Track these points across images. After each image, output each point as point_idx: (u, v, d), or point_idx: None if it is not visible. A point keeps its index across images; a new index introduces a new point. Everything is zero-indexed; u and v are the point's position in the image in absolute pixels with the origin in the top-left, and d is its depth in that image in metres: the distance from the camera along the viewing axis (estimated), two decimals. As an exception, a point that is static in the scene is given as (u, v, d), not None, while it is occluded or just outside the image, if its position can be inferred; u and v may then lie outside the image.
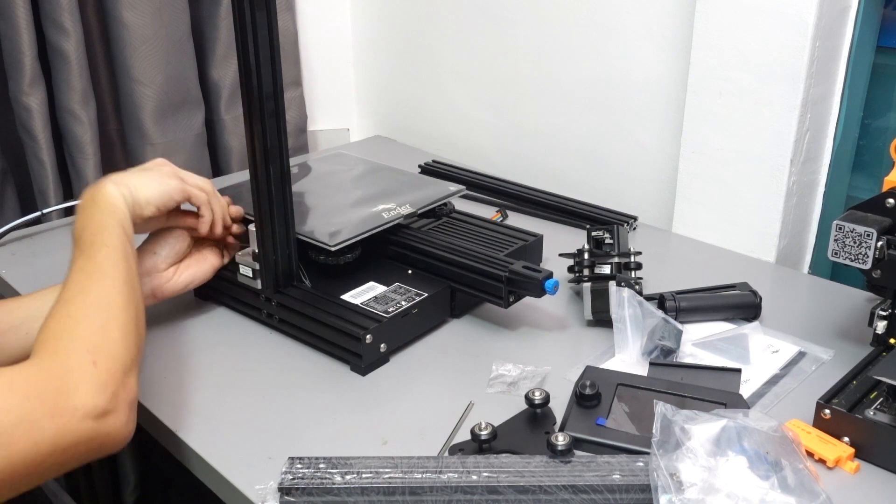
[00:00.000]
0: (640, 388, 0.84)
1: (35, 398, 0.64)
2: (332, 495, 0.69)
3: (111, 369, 0.69)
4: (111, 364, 0.70)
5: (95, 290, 0.76)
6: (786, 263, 1.18)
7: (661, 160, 1.29)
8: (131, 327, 0.75)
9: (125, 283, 0.78)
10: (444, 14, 1.55)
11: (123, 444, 0.70)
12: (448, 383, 0.90)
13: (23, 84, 1.31)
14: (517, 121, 1.50)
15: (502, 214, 1.31)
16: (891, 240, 0.83)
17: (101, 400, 0.67)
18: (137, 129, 1.44)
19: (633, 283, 0.97)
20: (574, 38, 1.36)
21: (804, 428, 0.78)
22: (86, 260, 0.79)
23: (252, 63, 0.86)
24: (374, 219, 1.02)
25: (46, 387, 0.65)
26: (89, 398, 0.66)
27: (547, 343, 0.97)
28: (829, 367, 0.91)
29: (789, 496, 0.66)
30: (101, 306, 0.74)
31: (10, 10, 1.27)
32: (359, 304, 0.95)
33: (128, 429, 0.70)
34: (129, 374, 0.71)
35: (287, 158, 0.93)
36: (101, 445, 0.68)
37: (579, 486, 0.69)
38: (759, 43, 1.08)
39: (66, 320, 0.72)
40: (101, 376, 0.68)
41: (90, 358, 0.69)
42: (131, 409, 0.70)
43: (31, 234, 1.26)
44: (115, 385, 0.69)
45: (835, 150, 1.16)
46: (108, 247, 0.80)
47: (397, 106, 1.73)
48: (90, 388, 0.67)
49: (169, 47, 1.43)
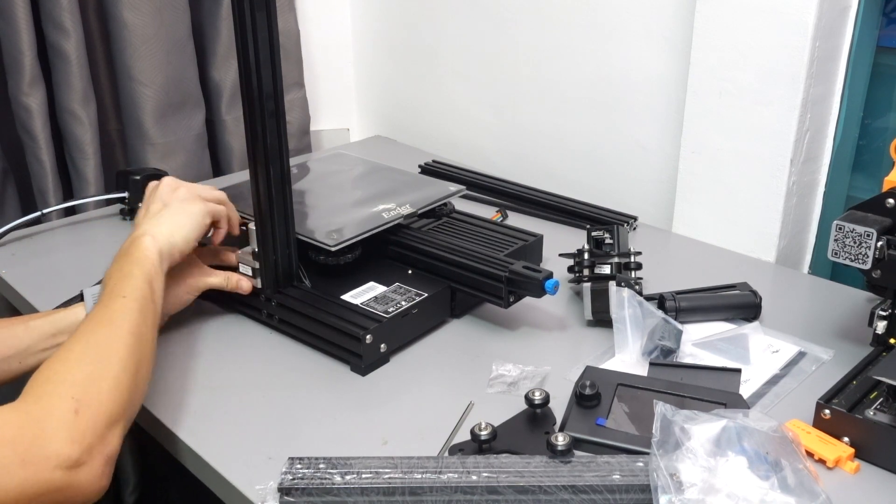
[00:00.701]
0: (640, 388, 0.84)
1: (8, 444, 0.63)
2: (332, 495, 0.69)
3: (93, 420, 0.68)
4: (94, 415, 0.68)
5: (97, 338, 0.75)
6: (786, 263, 1.18)
7: (661, 160, 1.29)
8: (125, 380, 0.73)
9: (131, 334, 0.76)
10: (444, 14, 1.55)
11: (96, 497, 0.68)
12: (448, 383, 0.90)
13: (23, 84, 1.31)
14: (517, 121, 1.50)
15: (502, 214, 1.31)
16: (891, 240, 0.83)
17: (74, 451, 0.65)
18: (137, 129, 1.44)
19: (633, 283, 0.97)
20: (574, 39, 1.36)
21: (804, 428, 0.78)
22: (100, 308, 0.78)
23: (252, 63, 0.86)
24: (374, 219, 1.02)
25: (22, 432, 0.64)
26: (63, 447, 0.65)
27: (547, 343, 0.97)
28: (829, 367, 0.91)
29: (789, 496, 0.66)
30: (99, 354, 0.73)
31: (10, 10, 1.27)
32: (359, 304, 0.95)
33: (100, 484, 0.68)
34: (113, 428, 0.69)
35: (287, 159, 0.93)
36: (69, 497, 0.66)
37: (579, 486, 0.69)
38: (759, 43, 1.08)
39: (60, 364, 0.71)
40: (80, 426, 0.66)
41: (73, 405, 0.67)
42: (107, 463, 0.68)
43: (31, 234, 1.26)
44: (93, 437, 0.67)
45: (835, 150, 1.16)
46: (126, 297, 0.79)
47: (397, 106, 1.73)
48: (66, 438, 0.65)
49: (169, 47, 1.43)
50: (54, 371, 0.70)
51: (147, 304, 0.80)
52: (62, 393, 0.68)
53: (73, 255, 1.20)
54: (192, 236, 0.90)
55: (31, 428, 0.65)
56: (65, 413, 0.66)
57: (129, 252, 0.84)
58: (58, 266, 1.16)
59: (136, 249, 0.84)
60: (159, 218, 0.89)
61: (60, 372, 0.70)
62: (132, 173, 1.28)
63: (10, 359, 0.86)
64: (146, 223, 0.88)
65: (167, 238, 0.87)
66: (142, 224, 0.89)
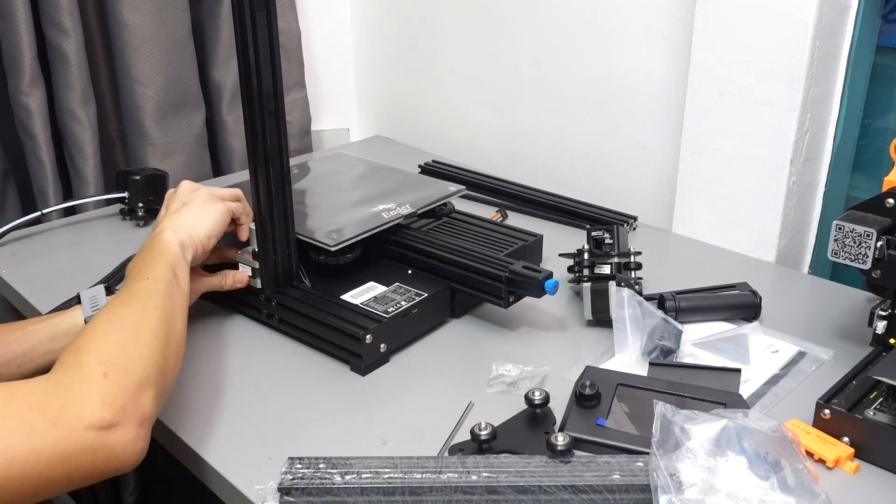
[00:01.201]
0: (640, 388, 0.84)
1: (37, 407, 0.64)
2: (332, 495, 0.69)
3: (122, 383, 0.68)
4: (123, 377, 0.68)
5: (123, 312, 0.75)
6: (786, 263, 1.18)
7: (661, 160, 1.29)
8: (155, 348, 0.73)
9: (158, 309, 0.77)
10: (444, 14, 1.55)
11: (134, 462, 0.68)
12: (448, 383, 0.90)
13: (22, 84, 1.31)
14: (517, 121, 1.50)
15: (502, 214, 1.31)
16: (891, 240, 0.83)
17: (106, 412, 0.65)
18: (137, 129, 1.44)
19: (633, 283, 0.97)
20: (574, 39, 1.36)
21: (804, 428, 0.78)
22: (124, 290, 0.79)
23: (252, 63, 0.86)
24: (374, 219, 1.02)
25: (51, 397, 0.65)
26: (94, 409, 0.65)
27: (547, 343, 0.97)
28: (829, 367, 0.91)
29: (789, 496, 0.66)
30: (126, 325, 0.74)
31: (10, 10, 1.27)
32: (359, 304, 0.95)
33: (137, 446, 0.67)
34: (144, 390, 0.69)
35: (287, 159, 0.93)
36: (107, 460, 0.66)
37: (579, 486, 0.69)
38: (759, 43, 1.08)
39: (87, 335, 0.72)
40: (111, 388, 0.67)
41: (101, 370, 0.67)
42: (142, 425, 0.68)
43: (31, 234, 1.26)
44: (124, 398, 0.67)
45: (835, 150, 1.16)
46: (150, 279, 0.80)
47: (397, 106, 1.73)
48: (96, 400, 0.65)
49: (169, 47, 1.43)
50: (83, 342, 0.71)
51: (172, 286, 0.81)
52: (91, 360, 0.68)
53: (73, 255, 1.20)
54: (213, 232, 0.91)
55: (61, 393, 0.65)
56: (94, 377, 0.67)
57: (151, 245, 0.85)
58: (58, 266, 1.16)
59: (157, 243, 0.85)
60: (180, 214, 0.90)
61: (88, 342, 0.71)
62: (132, 173, 1.28)
63: (10, 363, 0.86)
64: (166, 220, 0.89)
65: (188, 232, 0.88)
66: (162, 222, 0.89)
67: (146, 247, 0.86)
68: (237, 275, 0.97)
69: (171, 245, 0.85)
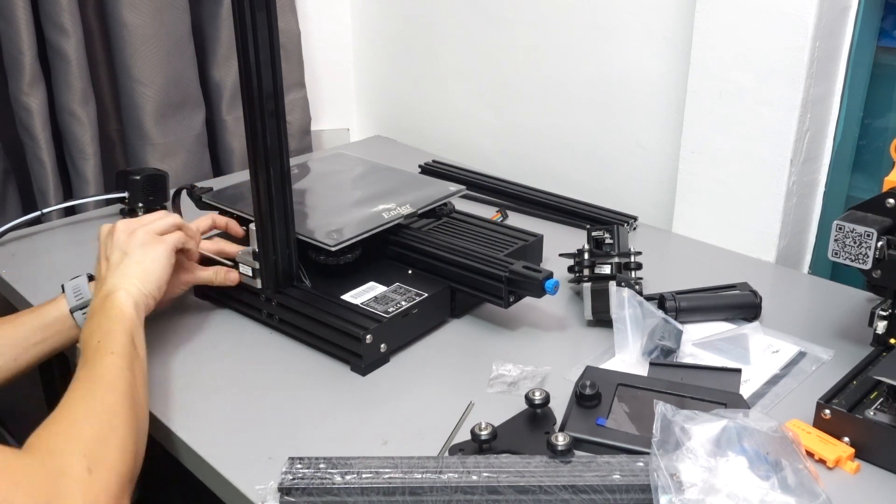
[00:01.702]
0: (640, 388, 0.84)
1: (25, 490, 0.61)
2: (332, 495, 0.69)
3: (106, 481, 0.65)
4: (107, 476, 0.66)
5: (97, 398, 0.73)
6: (786, 263, 1.18)
7: (661, 160, 1.29)
8: (130, 442, 0.71)
9: (127, 395, 0.74)
10: (444, 14, 1.55)
11: None
12: (448, 383, 0.90)
13: (23, 84, 1.31)
14: (517, 121, 1.50)
15: (502, 214, 1.31)
16: (891, 240, 0.83)
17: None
18: (137, 129, 1.44)
19: (633, 283, 0.97)
20: (574, 38, 1.36)
21: (804, 428, 0.78)
22: (90, 368, 0.76)
23: (252, 63, 0.86)
24: (375, 219, 1.02)
25: (39, 482, 0.62)
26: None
27: (547, 343, 0.97)
28: (830, 367, 0.91)
29: (789, 496, 0.66)
30: (102, 414, 0.71)
31: (10, 10, 1.27)
32: (359, 304, 0.95)
33: None
34: (125, 490, 0.67)
35: (287, 159, 0.93)
36: None
37: (579, 486, 0.69)
38: (759, 43, 1.08)
39: (65, 422, 0.69)
40: (95, 487, 0.64)
41: (85, 464, 0.65)
42: None
43: (31, 233, 1.26)
44: (107, 498, 0.64)
45: (835, 150, 1.16)
46: (114, 354, 0.77)
47: (397, 106, 1.73)
48: (82, 498, 0.63)
49: (169, 47, 1.43)
50: (61, 428, 0.68)
51: (135, 360, 0.79)
52: (73, 450, 0.66)
53: (72, 255, 1.20)
54: (162, 279, 0.88)
55: (48, 480, 0.63)
56: (79, 471, 0.64)
57: (104, 308, 0.82)
58: (58, 266, 1.16)
59: (111, 306, 0.82)
60: (124, 269, 0.86)
61: (67, 428, 0.68)
62: (132, 173, 1.28)
63: (6, 355, 0.87)
64: (112, 277, 0.86)
65: (139, 289, 0.85)
66: (108, 278, 0.86)
67: (99, 308, 0.82)
68: (228, 273, 0.98)
69: (125, 310, 0.82)
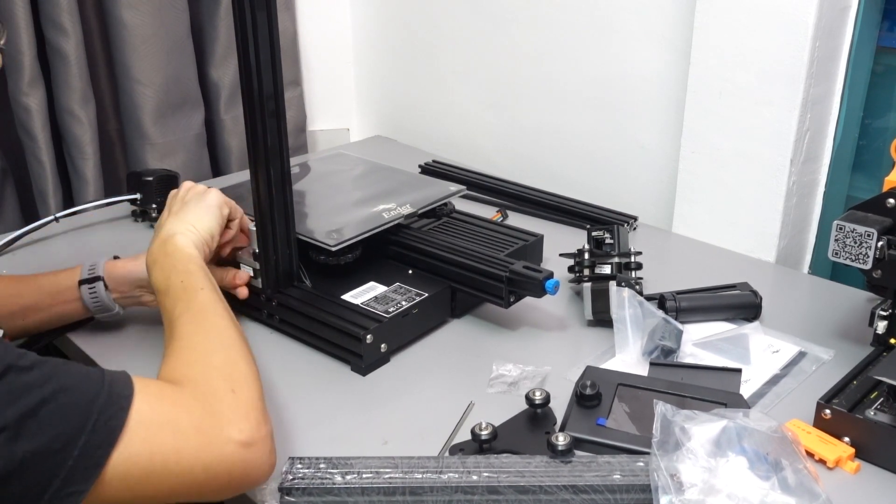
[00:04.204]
0: (641, 388, 0.84)
1: (183, 409, 0.63)
2: (333, 495, 0.69)
3: (250, 398, 0.67)
4: (248, 393, 0.68)
5: (212, 328, 0.74)
6: (786, 263, 1.18)
7: (661, 160, 1.29)
8: (250, 359, 0.73)
9: (233, 322, 0.77)
10: (444, 14, 1.55)
11: (267, 477, 0.67)
12: (448, 383, 0.90)
13: (22, 84, 1.31)
14: (517, 121, 1.50)
15: (502, 214, 1.31)
16: (891, 240, 0.83)
17: (246, 428, 0.65)
18: (137, 129, 1.44)
19: (634, 283, 0.97)
20: (574, 38, 1.36)
21: (804, 428, 0.78)
22: (186, 304, 0.77)
23: (252, 63, 0.86)
24: (375, 219, 1.02)
25: (195, 405, 0.64)
26: (234, 425, 0.64)
27: (547, 343, 0.97)
28: (830, 367, 0.91)
29: (789, 496, 0.66)
30: (223, 340, 0.73)
31: (10, 11, 1.27)
32: (359, 304, 0.95)
33: (270, 461, 0.67)
34: (264, 406, 0.69)
35: (287, 158, 0.93)
36: (243, 476, 0.65)
37: (580, 486, 0.69)
38: (759, 43, 1.08)
39: (194, 352, 0.71)
40: (243, 404, 0.66)
41: (228, 385, 0.67)
42: (272, 439, 0.68)
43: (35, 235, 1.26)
44: (256, 414, 0.66)
45: (835, 150, 1.16)
46: (204, 289, 0.79)
47: (397, 106, 1.73)
48: (234, 416, 0.65)
49: (169, 47, 1.43)
50: (193, 357, 0.70)
51: (219, 293, 0.81)
52: (213, 375, 0.68)
53: (75, 255, 1.20)
54: (214, 225, 0.90)
55: (201, 402, 0.65)
56: (223, 392, 0.66)
57: (167, 253, 0.84)
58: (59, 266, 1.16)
59: (173, 248, 0.84)
60: (182, 215, 0.89)
61: (200, 357, 0.70)
62: (143, 174, 1.27)
63: (15, 315, 0.89)
64: (170, 223, 0.88)
65: (195, 232, 0.88)
66: (165, 224, 0.89)
67: (162, 255, 0.84)
68: (239, 273, 0.97)
69: (189, 250, 0.84)
